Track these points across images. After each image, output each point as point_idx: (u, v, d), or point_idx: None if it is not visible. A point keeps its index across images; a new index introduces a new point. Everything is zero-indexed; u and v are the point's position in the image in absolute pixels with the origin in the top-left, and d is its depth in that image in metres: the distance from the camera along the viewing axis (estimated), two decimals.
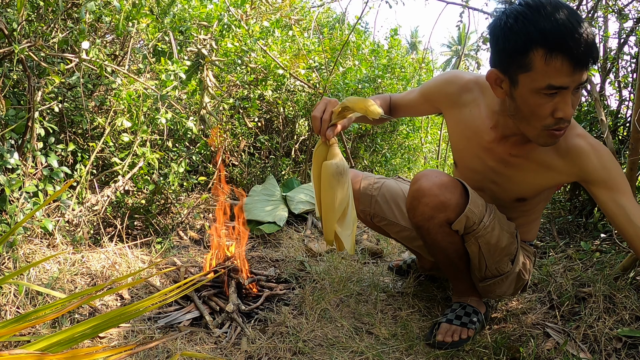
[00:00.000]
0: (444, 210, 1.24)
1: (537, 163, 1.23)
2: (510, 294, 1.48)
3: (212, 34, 2.54)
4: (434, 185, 1.23)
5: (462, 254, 1.37)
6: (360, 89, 3.23)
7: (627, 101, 2.24)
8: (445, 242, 1.32)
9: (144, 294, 1.67)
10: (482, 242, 1.29)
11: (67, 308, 0.69)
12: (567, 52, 0.95)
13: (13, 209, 1.59)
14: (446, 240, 1.32)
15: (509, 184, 1.31)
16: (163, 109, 2.06)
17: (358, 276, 1.89)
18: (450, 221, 1.26)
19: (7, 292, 1.42)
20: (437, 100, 1.42)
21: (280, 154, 3.22)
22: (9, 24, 1.63)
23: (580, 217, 2.33)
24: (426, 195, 1.24)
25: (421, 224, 1.30)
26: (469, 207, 1.23)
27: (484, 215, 1.27)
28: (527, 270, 1.45)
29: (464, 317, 1.42)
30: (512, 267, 1.39)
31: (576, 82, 0.99)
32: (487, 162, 1.31)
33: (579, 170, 1.17)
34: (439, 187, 1.24)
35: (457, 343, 1.36)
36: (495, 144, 1.26)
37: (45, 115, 1.96)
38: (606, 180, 1.15)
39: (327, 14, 5.25)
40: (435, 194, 1.24)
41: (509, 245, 1.34)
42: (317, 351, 1.35)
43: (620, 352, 1.27)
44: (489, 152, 1.29)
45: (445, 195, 1.23)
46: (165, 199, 2.21)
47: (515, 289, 1.46)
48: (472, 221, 1.25)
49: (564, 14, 0.95)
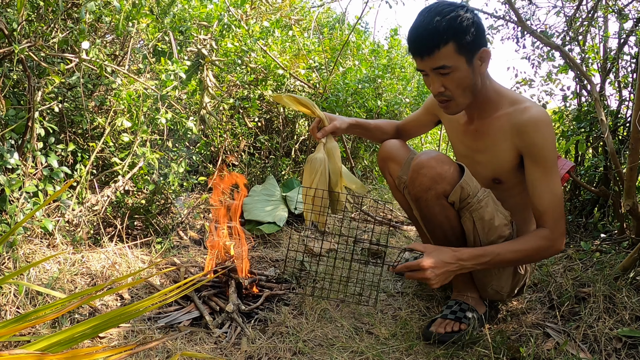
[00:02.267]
0: (440, 181, 1.33)
1: (494, 135, 1.37)
2: (507, 292, 1.48)
3: (212, 34, 2.54)
4: (431, 158, 1.35)
5: (458, 233, 1.41)
6: (360, 89, 3.23)
7: (627, 101, 2.24)
8: (442, 216, 1.39)
9: (144, 294, 1.66)
10: (477, 217, 1.35)
11: (67, 308, 0.69)
12: (410, 47, 1.29)
13: (13, 209, 1.59)
14: (442, 214, 1.38)
15: (485, 161, 1.43)
16: (163, 109, 2.06)
17: (358, 276, 1.89)
18: (446, 194, 1.35)
19: (7, 292, 1.42)
20: (434, 108, 1.63)
21: (280, 154, 3.22)
22: (9, 24, 1.63)
23: (580, 217, 2.33)
24: (425, 167, 1.35)
25: (420, 194, 1.38)
26: (464, 179, 1.33)
27: (479, 191, 1.36)
28: (523, 266, 1.47)
29: (459, 312, 1.47)
30: None
31: (429, 66, 1.27)
32: (467, 143, 1.47)
33: (521, 142, 1.31)
34: (436, 160, 1.35)
35: (449, 335, 1.41)
36: (467, 125, 1.45)
37: (45, 115, 1.96)
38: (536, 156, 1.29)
39: (327, 14, 5.24)
40: (432, 165, 1.35)
41: (502, 226, 1.37)
42: (317, 351, 1.35)
43: (620, 352, 1.27)
44: (466, 134, 1.46)
45: (443, 167, 1.34)
46: (165, 199, 2.21)
47: (512, 287, 1.47)
48: (467, 193, 1.33)
49: (422, 17, 1.25)
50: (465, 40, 1.23)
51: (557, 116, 2.64)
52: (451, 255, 1.30)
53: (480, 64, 1.29)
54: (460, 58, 1.25)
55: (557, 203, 1.30)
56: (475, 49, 1.26)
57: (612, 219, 2.22)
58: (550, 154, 1.29)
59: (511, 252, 1.31)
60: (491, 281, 1.46)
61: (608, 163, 2.11)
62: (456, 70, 1.26)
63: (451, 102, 1.33)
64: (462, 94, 1.31)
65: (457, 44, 1.23)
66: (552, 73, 2.60)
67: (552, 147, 1.29)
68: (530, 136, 1.28)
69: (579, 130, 2.31)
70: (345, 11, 7.65)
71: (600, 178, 2.27)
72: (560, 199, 1.31)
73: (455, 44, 1.23)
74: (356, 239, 2.43)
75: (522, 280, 1.49)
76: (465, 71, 1.27)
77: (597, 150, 2.34)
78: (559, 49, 2.15)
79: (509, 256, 1.31)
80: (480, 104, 1.37)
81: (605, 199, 2.19)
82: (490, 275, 1.45)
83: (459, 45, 1.23)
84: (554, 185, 1.30)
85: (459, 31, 1.22)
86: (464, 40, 1.23)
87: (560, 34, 2.47)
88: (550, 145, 1.28)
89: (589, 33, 2.42)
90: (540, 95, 2.66)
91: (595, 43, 2.39)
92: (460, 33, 1.22)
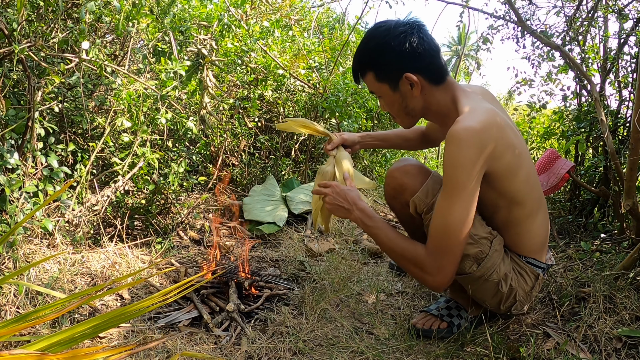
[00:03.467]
0: (402, 192, 1.38)
1: None
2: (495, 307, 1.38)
3: (212, 34, 2.54)
4: (396, 169, 1.40)
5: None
6: (360, 89, 3.23)
7: (627, 101, 2.24)
8: (408, 222, 1.46)
9: (144, 294, 1.66)
10: None
11: (67, 308, 0.69)
12: None
13: (13, 209, 1.59)
14: (409, 220, 1.45)
15: None
16: (163, 109, 2.06)
17: (358, 276, 1.89)
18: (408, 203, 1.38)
19: (7, 292, 1.42)
20: None
21: (280, 154, 3.22)
22: (9, 24, 1.63)
23: (580, 217, 2.33)
24: (389, 177, 1.43)
25: (388, 201, 1.49)
26: (417, 195, 1.33)
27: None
28: (507, 284, 1.32)
29: (443, 310, 1.48)
30: (477, 269, 1.28)
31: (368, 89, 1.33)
32: None
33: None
34: (400, 171, 1.39)
35: (427, 331, 1.43)
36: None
37: (45, 115, 1.96)
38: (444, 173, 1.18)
39: (327, 14, 5.24)
40: (395, 176, 1.40)
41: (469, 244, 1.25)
42: (317, 351, 1.35)
43: (620, 352, 1.27)
44: None
45: (404, 179, 1.37)
46: (165, 199, 2.21)
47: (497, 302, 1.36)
48: (420, 208, 1.33)
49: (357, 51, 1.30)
50: (383, 70, 1.25)
51: (557, 116, 2.64)
52: (354, 197, 1.34)
53: (410, 88, 1.25)
54: (382, 85, 1.28)
55: (443, 233, 1.16)
56: (398, 75, 1.24)
57: (612, 219, 2.22)
58: (451, 175, 1.13)
59: (388, 238, 1.27)
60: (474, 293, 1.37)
61: (608, 163, 2.11)
62: (384, 96, 1.30)
63: (396, 118, 1.37)
64: (397, 115, 1.34)
65: (375, 73, 1.27)
66: (552, 73, 2.60)
67: (455, 167, 1.13)
68: (445, 150, 1.15)
69: (579, 130, 2.31)
70: (345, 11, 7.66)
71: (600, 178, 2.27)
72: (449, 230, 1.15)
73: (373, 74, 1.27)
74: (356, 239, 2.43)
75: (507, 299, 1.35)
76: (392, 96, 1.29)
77: (597, 150, 2.34)
78: (559, 49, 2.15)
79: (383, 238, 1.28)
80: (442, 119, 1.33)
81: (605, 199, 2.19)
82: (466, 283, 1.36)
83: (377, 75, 1.27)
84: (446, 211, 1.15)
85: (374, 63, 1.25)
86: (380, 69, 1.25)
87: (560, 34, 2.47)
88: (453, 164, 1.12)
89: (589, 33, 2.42)
90: (540, 95, 2.66)
91: (595, 43, 2.39)
92: (376, 63, 1.25)
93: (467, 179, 1.12)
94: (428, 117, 1.37)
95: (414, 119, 1.35)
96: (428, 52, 1.24)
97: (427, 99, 1.29)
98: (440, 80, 1.27)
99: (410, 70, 1.24)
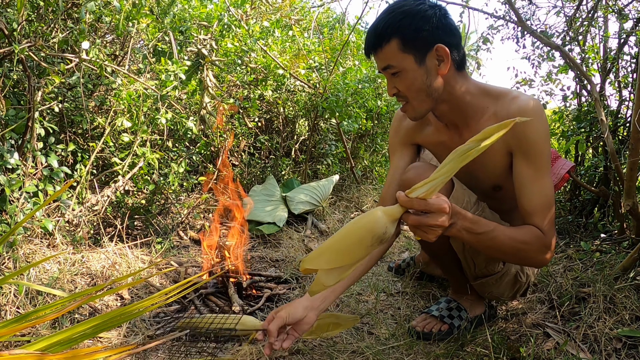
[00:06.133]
0: None
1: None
2: (510, 297, 1.45)
3: (212, 34, 2.54)
4: (417, 176, 1.19)
5: (446, 249, 1.38)
6: (360, 89, 3.23)
7: (627, 101, 2.24)
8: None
9: (144, 294, 1.66)
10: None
11: (67, 308, 0.69)
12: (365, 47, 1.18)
13: (13, 209, 1.59)
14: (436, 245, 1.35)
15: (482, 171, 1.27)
16: (163, 109, 2.06)
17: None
18: None
19: (7, 292, 1.42)
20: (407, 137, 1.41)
21: (280, 154, 3.22)
22: (9, 24, 1.63)
23: (580, 217, 2.33)
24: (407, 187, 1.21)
25: None
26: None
27: (471, 207, 1.27)
28: (524, 273, 1.39)
29: (444, 312, 1.46)
30: (505, 267, 1.35)
31: (378, 66, 1.17)
32: None
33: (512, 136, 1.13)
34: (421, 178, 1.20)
35: (427, 334, 1.41)
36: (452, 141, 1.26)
37: (45, 115, 1.96)
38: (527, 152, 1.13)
39: (327, 14, 5.24)
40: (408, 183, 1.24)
41: None
42: (317, 351, 1.35)
43: (620, 352, 1.27)
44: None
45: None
46: (165, 199, 2.21)
47: (514, 292, 1.43)
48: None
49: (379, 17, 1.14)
50: (413, 36, 1.08)
51: (557, 116, 2.64)
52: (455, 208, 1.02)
53: (437, 63, 1.12)
54: (406, 57, 1.10)
55: (549, 207, 1.13)
56: (428, 45, 1.09)
57: (612, 219, 2.22)
58: (543, 150, 1.12)
59: (505, 235, 1.09)
60: (490, 290, 1.41)
61: (608, 163, 2.11)
62: (405, 70, 1.12)
63: (408, 104, 1.18)
64: (415, 96, 1.15)
65: (401, 40, 1.09)
66: (552, 73, 2.60)
67: (545, 141, 1.12)
68: (520, 129, 1.10)
69: (579, 130, 2.31)
70: (345, 11, 7.66)
71: (600, 178, 2.27)
72: (553, 203, 1.14)
73: (399, 41, 1.09)
74: None
75: (523, 286, 1.43)
76: (415, 72, 1.12)
77: (597, 150, 2.34)
78: (559, 49, 2.15)
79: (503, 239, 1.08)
80: (462, 111, 1.20)
81: (605, 199, 2.19)
82: (487, 284, 1.40)
83: (404, 42, 1.09)
84: (546, 186, 1.13)
85: (404, 26, 1.08)
86: (410, 35, 1.08)
87: (560, 34, 2.47)
88: (544, 139, 1.11)
89: (589, 33, 2.42)
90: (540, 95, 2.66)
91: (595, 43, 2.39)
92: (406, 28, 1.08)
93: (549, 150, 1.13)
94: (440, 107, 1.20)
95: (432, 103, 1.17)
96: (459, 32, 1.14)
97: (450, 82, 1.16)
98: (463, 67, 1.18)
99: (443, 43, 1.10)
